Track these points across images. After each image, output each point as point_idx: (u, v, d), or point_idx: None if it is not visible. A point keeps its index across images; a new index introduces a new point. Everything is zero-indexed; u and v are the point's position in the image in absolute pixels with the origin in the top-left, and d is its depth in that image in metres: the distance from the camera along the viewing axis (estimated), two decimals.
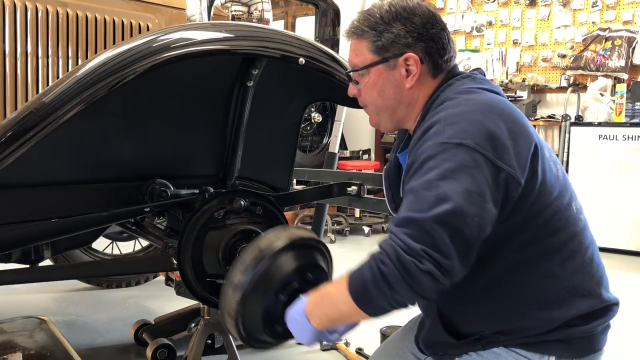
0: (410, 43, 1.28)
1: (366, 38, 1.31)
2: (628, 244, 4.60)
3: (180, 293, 1.76)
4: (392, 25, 1.29)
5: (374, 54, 1.31)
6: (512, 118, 1.20)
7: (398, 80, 1.31)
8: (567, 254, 1.25)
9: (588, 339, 1.27)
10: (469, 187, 1.08)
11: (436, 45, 1.30)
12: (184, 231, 1.58)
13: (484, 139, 1.12)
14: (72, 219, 1.60)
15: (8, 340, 2.08)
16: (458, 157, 1.10)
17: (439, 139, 1.13)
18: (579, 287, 1.26)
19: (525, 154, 1.17)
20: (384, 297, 1.07)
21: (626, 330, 2.83)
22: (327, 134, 5.16)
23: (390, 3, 1.31)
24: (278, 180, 2.14)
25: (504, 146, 1.13)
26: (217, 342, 2.18)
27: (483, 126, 1.14)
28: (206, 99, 1.79)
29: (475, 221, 1.08)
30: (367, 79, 1.33)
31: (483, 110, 1.17)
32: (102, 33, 1.92)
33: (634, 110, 4.81)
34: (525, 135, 1.20)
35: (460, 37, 6.14)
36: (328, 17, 4.95)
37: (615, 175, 4.64)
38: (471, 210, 1.07)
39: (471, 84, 1.29)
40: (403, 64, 1.29)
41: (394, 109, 1.35)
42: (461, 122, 1.14)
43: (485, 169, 1.11)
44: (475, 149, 1.11)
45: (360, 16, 1.34)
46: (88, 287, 3.37)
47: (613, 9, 5.28)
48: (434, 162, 1.12)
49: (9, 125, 1.31)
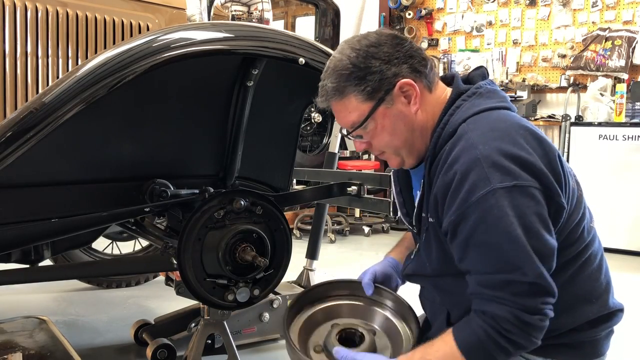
0: (395, 72, 1.24)
1: (351, 92, 1.25)
2: (628, 244, 4.60)
3: (180, 293, 1.76)
4: (369, 66, 1.24)
5: (368, 102, 1.25)
6: (534, 137, 1.19)
7: (403, 111, 1.27)
8: (579, 264, 1.25)
9: (592, 344, 1.27)
10: (541, 228, 1.11)
11: (415, 58, 1.27)
12: (184, 231, 1.58)
13: (529, 173, 1.12)
14: (72, 219, 1.60)
15: (8, 340, 2.08)
16: (519, 200, 1.10)
17: (491, 185, 1.10)
18: (588, 294, 1.26)
19: (561, 174, 1.18)
20: (507, 355, 1.13)
21: (626, 330, 2.83)
22: (327, 134, 5.15)
23: (351, 49, 1.25)
24: (278, 180, 2.14)
25: (546, 174, 1.14)
26: (217, 342, 2.18)
27: (523, 160, 1.12)
28: (206, 98, 1.79)
29: (552, 251, 1.13)
30: (373, 126, 1.28)
31: (513, 141, 1.15)
32: (102, 33, 1.92)
33: (634, 110, 4.81)
34: (552, 150, 1.20)
35: (460, 37, 6.14)
36: (328, 17, 4.95)
37: (615, 175, 4.64)
38: (547, 248, 1.12)
39: (480, 106, 1.24)
40: (399, 93, 1.25)
41: (411, 141, 1.31)
42: (502, 162, 1.11)
43: (543, 202, 1.12)
44: (530, 186, 1.11)
45: (331, 77, 1.27)
46: (88, 287, 3.37)
47: (613, 9, 5.28)
48: (498, 211, 1.09)
49: (9, 125, 1.31)
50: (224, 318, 1.86)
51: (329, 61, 1.30)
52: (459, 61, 6.12)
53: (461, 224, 1.14)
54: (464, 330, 1.15)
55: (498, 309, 1.10)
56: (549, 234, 1.12)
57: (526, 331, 1.10)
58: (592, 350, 1.28)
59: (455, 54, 6.17)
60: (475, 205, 1.11)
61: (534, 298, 1.09)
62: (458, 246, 1.17)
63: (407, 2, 6.29)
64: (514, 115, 1.26)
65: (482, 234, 1.11)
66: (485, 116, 1.22)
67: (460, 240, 1.15)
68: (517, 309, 1.09)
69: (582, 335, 1.26)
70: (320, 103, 1.32)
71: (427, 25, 6.33)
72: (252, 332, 2.49)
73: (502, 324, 1.10)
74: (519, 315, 1.09)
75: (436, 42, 6.30)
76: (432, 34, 6.34)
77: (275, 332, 2.57)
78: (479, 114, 1.22)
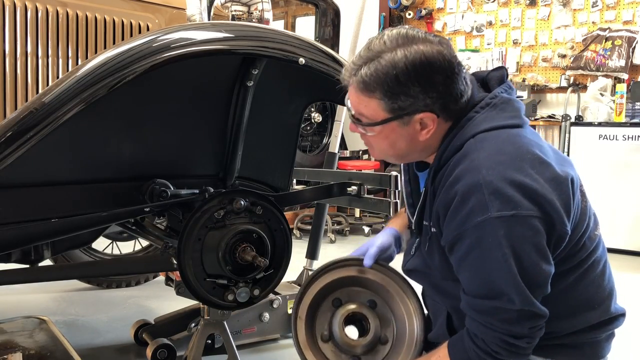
0: (428, 103, 1.19)
1: (377, 96, 1.19)
2: (628, 244, 4.60)
3: (180, 293, 1.76)
4: (410, 88, 1.16)
5: (386, 112, 1.20)
6: (546, 160, 1.15)
7: (412, 135, 1.23)
8: (581, 272, 1.24)
9: (592, 345, 1.27)
10: (536, 258, 1.11)
11: (454, 97, 1.20)
12: (184, 231, 1.58)
13: (532, 202, 1.10)
14: (72, 219, 1.60)
15: (8, 340, 2.08)
16: (516, 230, 1.09)
17: (488, 214, 1.09)
18: (591, 300, 1.26)
19: (570, 197, 1.15)
20: None
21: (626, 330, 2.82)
22: (327, 134, 5.16)
23: (406, 57, 1.15)
24: (278, 180, 2.14)
25: (550, 202, 1.12)
26: (217, 342, 2.18)
27: (527, 187, 1.10)
28: (206, 99, 1.79)
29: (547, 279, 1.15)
30: (379, 131, 1.24)
31: (518, 168, 1.12)
32: (102, 33, 1.92)
33: (634, 110, 4.81)
34: (565, 175, 1.16)
35: (460, 37, 6.14)
36: (328, 17, 4.95)
37: (615, 175, 4.63)
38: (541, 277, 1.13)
39: (492, 122, 1.20)
40: (418, 120, 1.21)
41: (405, 155, 1.30)
42: (504, 189, 1.09)
43: (543, 231, 1.12)
44: (529, 216, 1.10)
45: (370, 68, 1.18)
46: (88, 287, 3.37)
47: (613, 9, 5.28)
48: (493, 240, 1.10)
49: (9, 125, 1.31)
50: (224, 318, 1.86)
51: (374, 43, 1.19)
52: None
53: (457, 244, 1.16)
54: (458, 348, 1.21)
55: (487, 334, 1.15)
56: (545, 262, 1.13)
57: (515, 352, 1.15)
58: (592, 352, 1.28)
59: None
60: (472, 230, 1.12)
61: (521, 324, 1.13)
62: (454, 261, 1.21)
63: (407, 2, 6.29)
64: (525, 135, 1.21)
65: (475, 258, 1.14)
66: (495, 135, 1.18)
67: (456, 258, 1.19)
68: (505, 334, 1.14)
69: (582, 337, 1.26)
70: (343, 77, 1.25)
71: (427, 25, 6.33)
72: (252, 332, 2.49)
73: (491, 346, 1.15)
74: (507, 340, 1.14)
75: None
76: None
77: (275, 332, 2.57)
78: (489, 132, 1.19)
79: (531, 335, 1.15)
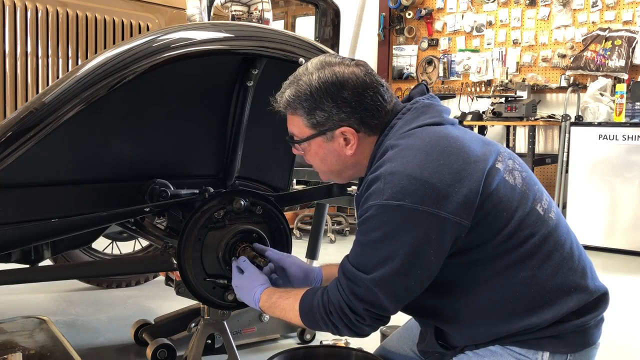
0: (343, 118, 1.29)
1: (300, 114, 1.32)
2: (628, 244, 4.60)
3: (180, 293, 1.76)
4: (323, 103, 1.29)
5: (309, 129, 1.33)
6: (455, 154, 1.20)
7: (338, 150, 1.33)
8: (542, 257, 1.24)
9: (581, 333, 1.27)
10: (408, 249, 1.16)
11: (370, 112, 1.30)
12: (184, 231, 1.58)
13: (423, 195, 1.15)
14: (72, 219, 1.60)
15: (8, 340, 2.08)
16: (398, 219, 1.16)
17: (379, 200, 1.17)
18: (564, 284, 1.26)
19: (474, 190, 1.18)
20: (328, 329, 1.28)
21: (626, 330, 2.83)
22: None
23: (319, 77, 1.29)
24: (278, 180, 2.14)
25: (446, 195, 1.15)
26: (217, 342, 2.19)
27: (422, 181, 1.15)
28: (206, 98, 1.80)
29: (416, 276, 1.19)
30: (308, 148, 1.36)
31: (422, 161, 1.18)
32: (102, 33, 1.92)
33: (634, 110, 4.81)
34: (472, 169, 1.19)
35: (460, 37, 6.14)
36: (328, 17, 4.94)
37: (615, 175, 4.64)
38: (410, 270, 1.18)
39: (411, 123, 1.28)
40: (340, 135, 1.31)
41: (340, 172, 1.39)
42: (400, 180, 1.16)
43: (428, 224, 1.15)
44: (415, 209, 1.14)
45: (291, 90, 1.32)
46: (88, 287, 3.37)
47: (613, 9, 5.29)
48: (376, 222, 1.18)
49: (9, 125, 1.31)
50: (224, 318, 1.86)
51: (299, 70, 1.35)
52: (459, 61, 6.13)
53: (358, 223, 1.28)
54: (311, 293, 1.31)
55: (334, 294, 1.25)
56: (416, 257, 1.17)
57: (344, 322, 1.23)
58: (581, 340, 1.27)
59: (455, 54, 6.18)
60: (365, 210, 1.21)
61: (362, 301, 1.20)
62: None
63: (407, 2, 6.29)
64: (441, 129, 1.27)
65: (358, 233, 1.24)
66: (412, 133, 1.26)
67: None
68: (345, 301, 1.22)
69: (570, 325, 1.25)
70: (274, 102, 1.38)
71: (427, 25, 6.33)
72: (252, 332, 2.49)
73: (329, 306, 1.25)
74: (342, 308, 1.23)
75: (436, 42, 6.30)
76: (432, 34, 6.34)
77: (275, 332, 2.57)
78: (407, 137, 1.25)
79: (364, 316, 1.21)
